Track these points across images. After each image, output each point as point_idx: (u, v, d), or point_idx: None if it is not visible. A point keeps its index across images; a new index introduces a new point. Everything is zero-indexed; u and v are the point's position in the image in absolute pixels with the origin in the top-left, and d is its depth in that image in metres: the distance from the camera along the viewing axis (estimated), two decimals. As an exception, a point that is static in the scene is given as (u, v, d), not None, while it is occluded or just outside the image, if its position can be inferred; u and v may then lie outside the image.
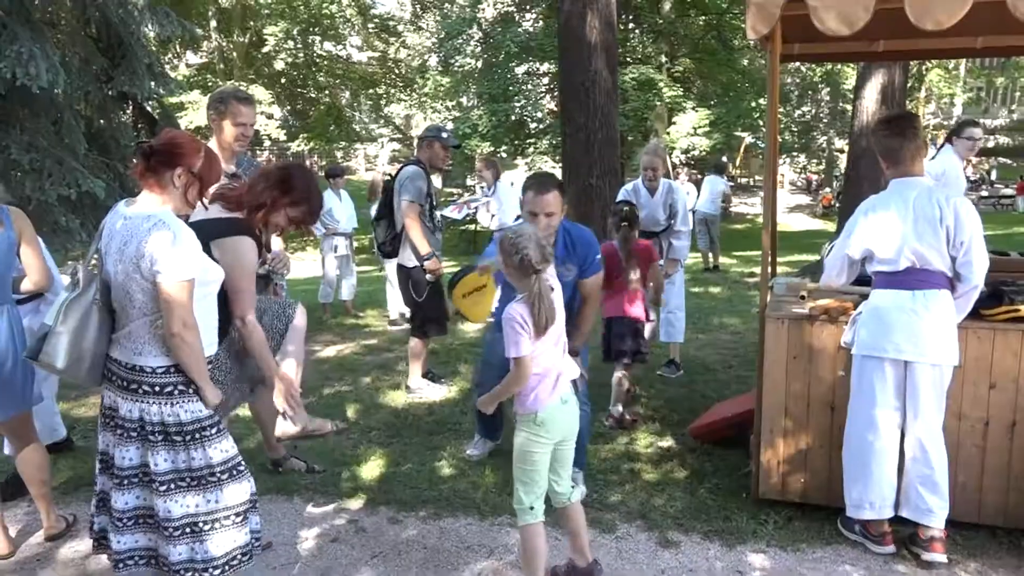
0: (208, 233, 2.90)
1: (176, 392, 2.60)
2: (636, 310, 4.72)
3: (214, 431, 2.64)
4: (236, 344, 3.07)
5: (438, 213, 5.52)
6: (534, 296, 2.64)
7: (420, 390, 5.45)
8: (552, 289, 2.73)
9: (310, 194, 3.09)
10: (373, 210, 7.95)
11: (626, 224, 4.74)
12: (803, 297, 3.73)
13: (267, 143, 25.77)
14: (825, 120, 31.13)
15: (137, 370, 2.58)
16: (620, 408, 4.72)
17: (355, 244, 9.07)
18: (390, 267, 7.75)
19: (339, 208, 8.66)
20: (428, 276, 5.17)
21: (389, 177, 5.56)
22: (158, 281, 2.49)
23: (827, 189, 28.77)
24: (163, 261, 2.48)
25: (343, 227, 8.68)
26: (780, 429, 3.50)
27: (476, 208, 7.79)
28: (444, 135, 5.35)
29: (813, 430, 3.47)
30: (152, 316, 2.55)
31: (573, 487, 2.92)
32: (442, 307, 5.37)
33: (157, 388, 2.58)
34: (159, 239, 2.49)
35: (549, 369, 2.74)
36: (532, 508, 2.78)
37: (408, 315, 7.51)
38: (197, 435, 2.61)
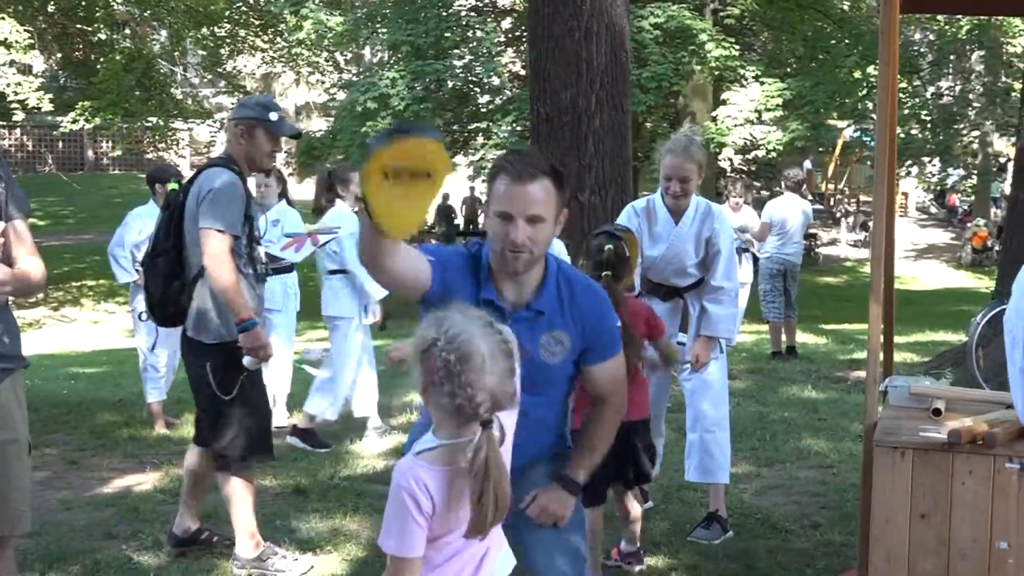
0: None
1: None
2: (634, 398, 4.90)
3: None
4: None
5: (262, 250, 5.54)
6: (472, 465, 2.45)
7: (262, 564, 5.32)
8: (502, 440, 2.56)
9: None
10: (129, 236, 8.28)
11: (608, 273, 4.82)
12: (937, 412, 3.74)
13: (20, 116, 25.63)
14: (977, 104, 32.00)
15: None
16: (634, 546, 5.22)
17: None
18: (154, 337, 8.06)
19: None
20: (247, 359, 5.15)
21: (176, 186, 5.56)
22: None
23: (980, 221, 29.47)
24: None
25: None
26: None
27: (332, 241, 7.87)
28: (272, 115, 5.38)
29: (955, 646, 3.47)
30: None
31: None
32: (267, 411, 5.43)
33: None
34: None
35: None
36: None
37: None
38: None
